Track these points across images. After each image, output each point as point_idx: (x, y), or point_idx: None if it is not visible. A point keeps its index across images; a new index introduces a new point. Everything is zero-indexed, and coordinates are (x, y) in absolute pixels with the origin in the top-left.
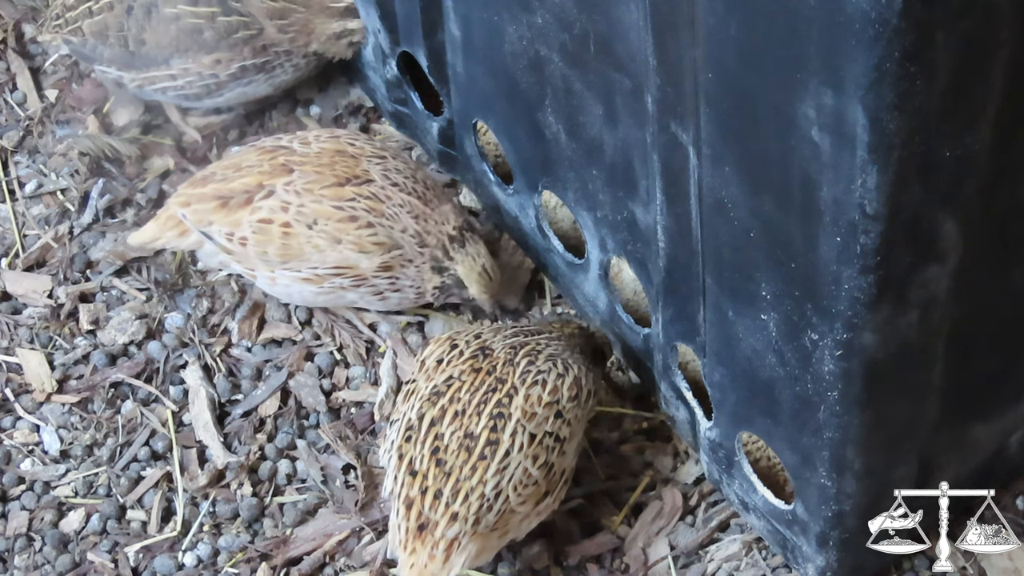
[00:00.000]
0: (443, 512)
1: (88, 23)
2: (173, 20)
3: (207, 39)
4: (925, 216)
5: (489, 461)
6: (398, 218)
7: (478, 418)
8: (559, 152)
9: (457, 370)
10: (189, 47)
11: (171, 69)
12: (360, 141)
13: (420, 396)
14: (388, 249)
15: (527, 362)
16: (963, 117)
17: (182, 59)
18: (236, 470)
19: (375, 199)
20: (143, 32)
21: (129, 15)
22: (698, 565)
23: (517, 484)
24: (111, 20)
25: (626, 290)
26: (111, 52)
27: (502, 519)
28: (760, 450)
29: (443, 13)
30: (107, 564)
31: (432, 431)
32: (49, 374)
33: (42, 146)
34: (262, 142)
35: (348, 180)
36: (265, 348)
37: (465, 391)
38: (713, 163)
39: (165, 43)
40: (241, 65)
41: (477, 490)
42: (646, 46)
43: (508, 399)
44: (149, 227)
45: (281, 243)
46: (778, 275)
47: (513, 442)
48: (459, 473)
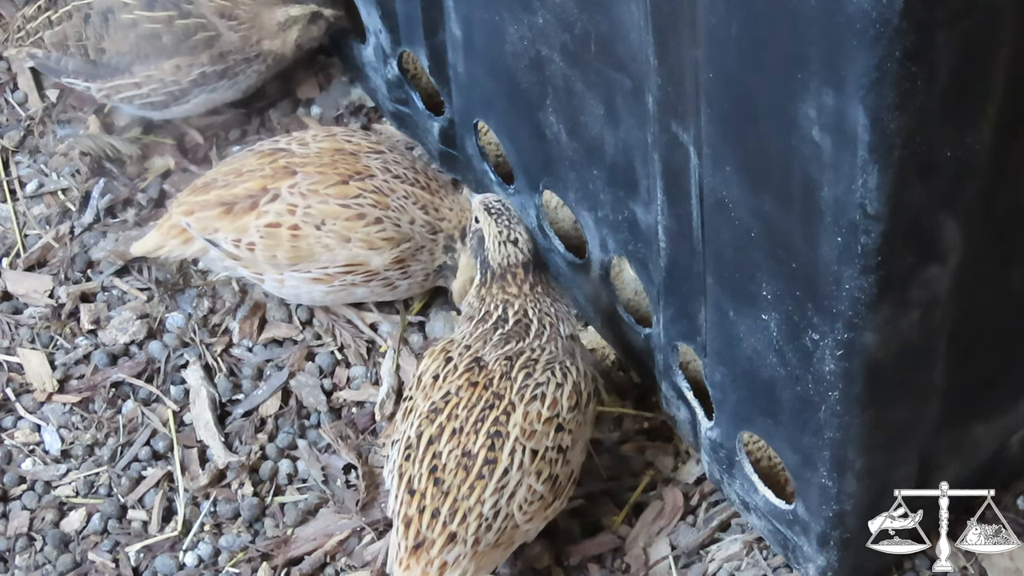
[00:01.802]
0: (440, 531)
1: (49, 34)
2: (131, 26)
3: (166, 44)
4: (926, 216)
5: (487, 480)
6: (404, 210)
7: (475, 436)
8: (560, 152)
9: (454, 386)
10: (148, 53)
11: (134, 77)
12: (357, 137)
13: (419, 414)
14: (397, 243)
15: (524, 375)
16: (963, 117)
17: (143, 66)
18: (237, 470)
19: (379, 193)
20: (102, 40)
21: (87, 23)
22: (699, 565)
23: (522, 503)
24: (70, 30)
25: (627, 290)
26: (74, 63)
27: (505, 535)
28: (761, 450)
29: (444, 13)
30: (108, 564)
31: (430, 449)
32: (50, 374)
33: (43, 146)
34: (259, 145)
35: (351, 177)
36: (266, 348)
37: (463, 407)
38: (714, 163)
39: (125, 50)
40: (201, 71)
41: (475, 510)
42: (647, 46)
43: (506, 416)
44: (152, 237)
45: (290, 246)
46: (779, 275)
47: (512, 461)
48: (456, 492)
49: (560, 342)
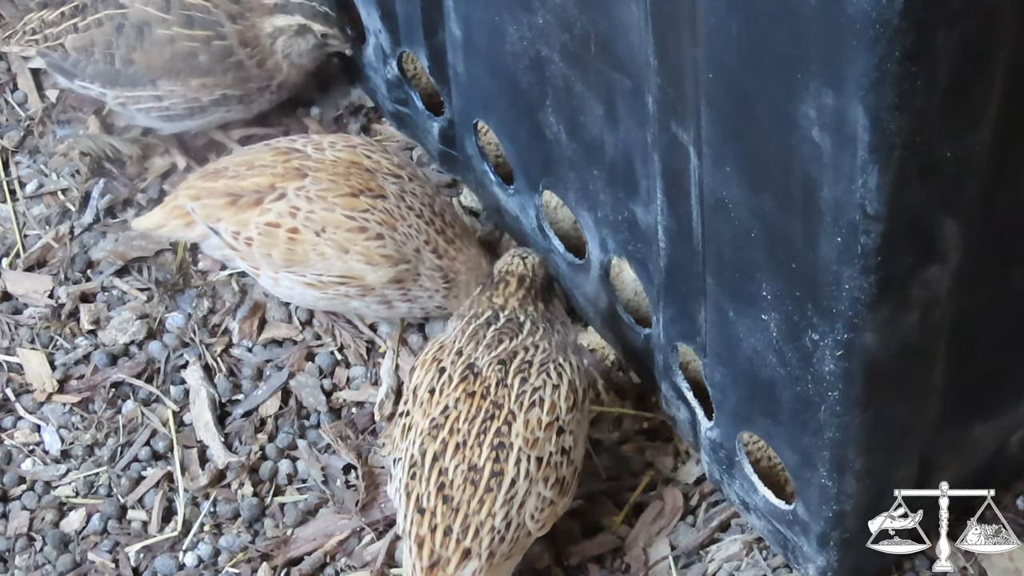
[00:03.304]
0: (454, 549)
1: (72, 38)
2: (167, 42)
3: (199, 63)
4: (926, 216)
5: (496, 493)
6: (410, 238)
7: (480, 449)
8: (560, 152)
9: (451, 399)
10: (180, 69)
11: (157, 90)
12: (377, 154)
13: (420, 431)
14: (396, 263)
15: (520, 380)
16: (963, 117)
17: (170, 81)
18: (237, 470)
19: (388, 214)
20: (133, 51)
21: (119, 33)
22: (699, 565)
23: (533, 511)
24: (98, 36)
25: (627, 290)
26: (94, 68)
27: (518, 544)
28: (761, 450)
29: (444, 13)
30: (108, 564)
31: (436, 466)
32: (50, 374)
33: (43, 146)
34: (276, 142)
35: (361, 192)
36: (266, 348)
37: (463, 420)
38: (714, 163)
39: (157, 64)
40: (223, 92)
41: (487, 524)
42: (647, 46)
43: (507, 427)
44: (156, 213)
45: (286, 247)
46: (779, 275)
47: (518, 471)
48: (467, 508)
49: (553, 338)
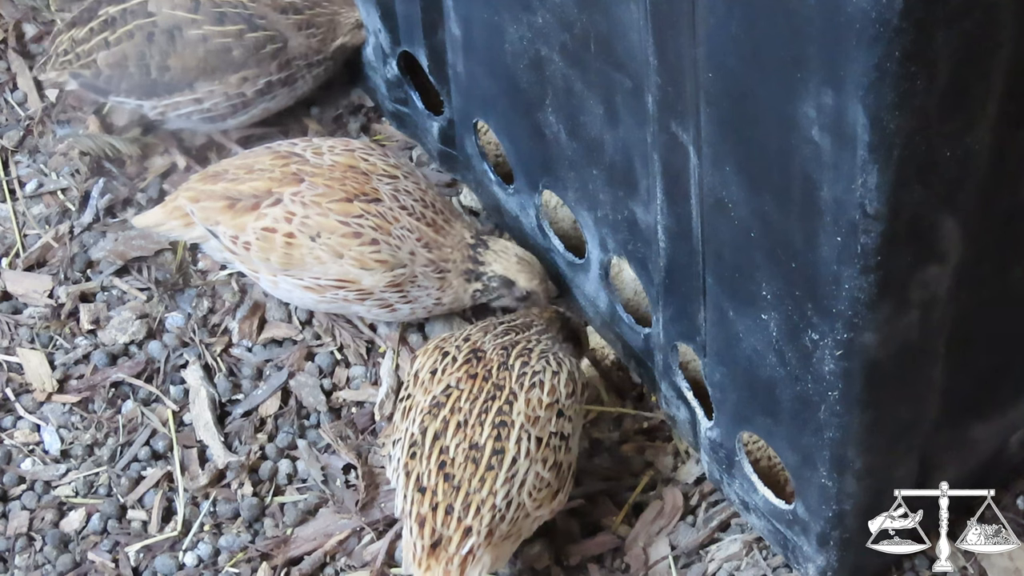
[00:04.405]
0: (456, 527)
1: (104, 55)
2: (200, 42)
3: (235, 57)
4: (925, 216)
5: (497, 471)
6: (404, 240)
7: (481, 428)
8: (559, 152)
9: (453, 378)
10: (217, 67)
11: (196, 93)
12: (373, 157)
13: (420, 409)
14: (391, 268)
15: (521, 363)
16: (963, 117)
17: (208, 81)
18: (237, 470)
19: (382, 218)
20: (167, 58)
21: (151, 42)
22: (699, 565)
23: (531, 490)
24: (130, 49)
25: (626, 290)
26: (129, 82)
27: (515, 525)
28: (760, 450)
29: (444, 13)
30: (108, 564)
31: (437, 445)
32: (50, 374)
33: (43, 146)
34: (277, 145)
35: (356, 196)
36: (266, 348)
37: (465, 400)
38: (713, 163)
39: (192, 66)
40: (268, 80)
41: (488, 502)
42: (647, 46)
43: (509, 406)
44: (156, 211)
45: (283, 252)
46: (778, 275)
47: (519, 449)
48: (468, 486)
49: (558, 343)
